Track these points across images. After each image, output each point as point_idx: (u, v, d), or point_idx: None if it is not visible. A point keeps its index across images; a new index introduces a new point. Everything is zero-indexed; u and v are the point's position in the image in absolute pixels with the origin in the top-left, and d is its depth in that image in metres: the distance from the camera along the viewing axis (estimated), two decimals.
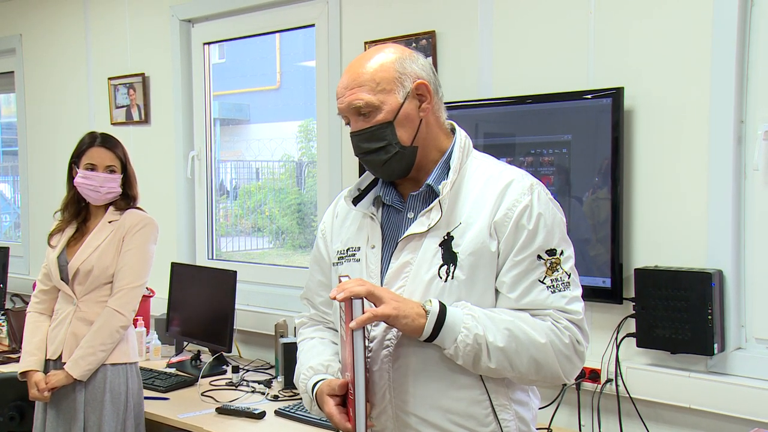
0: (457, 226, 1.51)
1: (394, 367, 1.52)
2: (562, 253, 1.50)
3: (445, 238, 1.50)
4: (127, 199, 2.69)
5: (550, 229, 1.50)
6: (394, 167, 1.55)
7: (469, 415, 1.50)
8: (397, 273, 1.53)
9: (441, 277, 1.49)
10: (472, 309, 1.46)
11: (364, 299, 1.44)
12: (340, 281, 1.50)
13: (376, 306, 1.43)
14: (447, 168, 1.56)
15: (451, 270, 1.49)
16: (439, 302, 1.46)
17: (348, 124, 1.58)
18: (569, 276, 1.50)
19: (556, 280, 1.48)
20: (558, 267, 1.49)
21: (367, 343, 1.53)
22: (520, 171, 1.57)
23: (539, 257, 1.48)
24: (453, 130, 1.64)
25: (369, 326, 1.52)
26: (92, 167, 2.62)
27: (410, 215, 1.57)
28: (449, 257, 1.49)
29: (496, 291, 1.51)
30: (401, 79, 1.53)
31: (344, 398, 1.52)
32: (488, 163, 1.60)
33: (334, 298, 1.44)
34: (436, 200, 1.52)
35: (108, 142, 2.67)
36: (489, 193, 1.51)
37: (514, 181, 1.52)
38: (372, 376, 1.54)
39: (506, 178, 1.53)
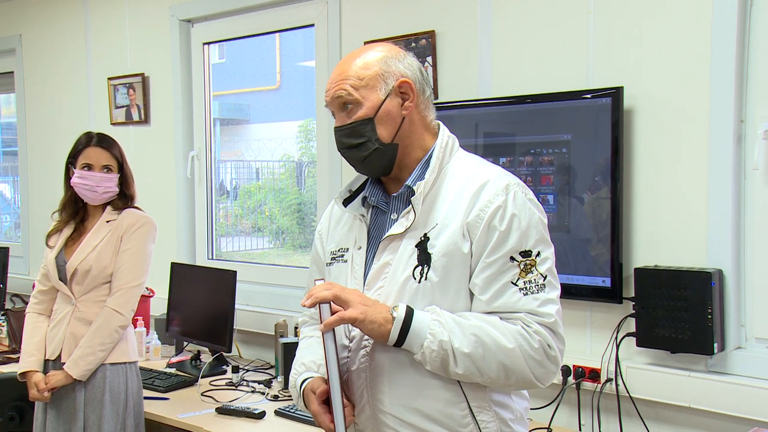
0: (433, 227, 1.51)
1: (370, 367, 1.53)
2: (538, 254, 1.48)
3: (422, 239, 1.51)
4: (124, 198, 2.69)
5: (525, 231, 1.48)
6: (374, 164, 1.57)
7: (446, 415, 1.49)
8: (377, 274, 1.54)
9: (415, 278, 1.50)
10: (440, 314, 1.46)
11: (332, 303, 1.46)
12: (314, 285, 1.52)
13: (344, 309, 1.45)
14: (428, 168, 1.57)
15: (425, 271, 1.49)
16: (407, 307, 1.46)
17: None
18: (545, 278, 1.48)
19: (530, 282, 1.47)
20: (533, 269, 1.47)
21: (347, 343, 1.56)
22: (499, 171, 1.56)
23: (512, 259, 1.47)
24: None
25: (349, 326, 1.54)
26: (88, 167, 2.62)
27: (393, 216, 1.58)
28: (424, 258, 1.49)
29: (471, 293, 1.50)
30: (384, 77, 1.54)
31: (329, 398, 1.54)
32: (470, 163, 1.59)
33: (304, 305, 1.47)
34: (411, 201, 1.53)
35: (104, 141, 2.66)
36: (465, 194, 1.51)
37: (489, 182, 1.51)
38: (350, 375, 1.55)
39: (482, 178, 1.52)
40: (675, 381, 2.31)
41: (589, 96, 2.44)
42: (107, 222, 2.65)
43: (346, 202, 1.66)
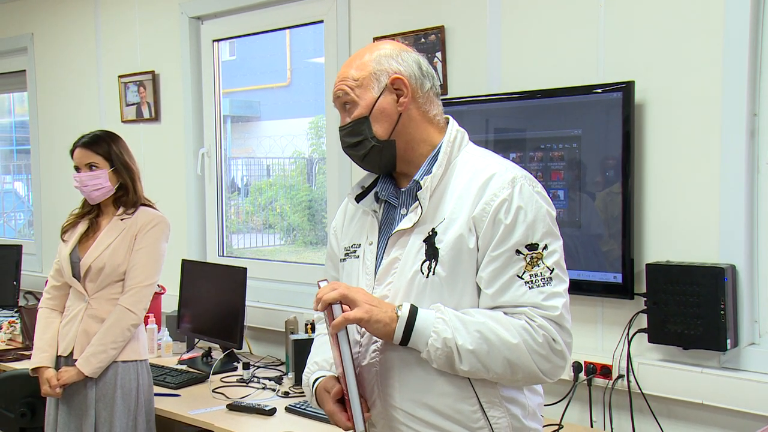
0: (441, 221, 1.51)
1: (381, 362, 1.54)
2: (545, 247, 1.47)
3: (430, 233, 1.51)
4: (128, 194, 2.68)
5: (531, 223, 1.47)
6: (374, 161, 1.59)
7: (456, 411, 1.49)
8: (387, 269, 1.55)
9: (423, 273, 1.50)
10: (444, 312, 1.46)
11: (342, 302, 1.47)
12: (319, 287, 1.52)
13: (351, 309, 1.45)
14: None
15: (433, 266, 1.49)
16: (411, 306, 1.46)
17: None
18: (552, 271, 1.47)
19: (536, 275, 1.46)
20: (539, 262, 1.46)
21: (358, 338, 1.57)
22: (507, 164, 1.55)
23: (518, 252, 1.46)
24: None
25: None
26: (77, 169, 2.66)
27: (403, 211, 1.59)
28: (432, 253, 1.50)
29: (479, 288, 1.50)
30: (377, 75, 1.56)
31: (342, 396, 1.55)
32: (479, 157, 1.59)
33: (317, 310, 1.49)
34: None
35: (89, 141, 2.67)
36: (472, 188, 1.51)
37: (495, 175, 1.50)
38: (361, 370, 1.56)
39: (489, 172, 1.52)
40: (687, 377, 2.29)
41: (599, 90, 2.42)
42: (122, 220, 2.66)
43: (360, 198, 1.66)
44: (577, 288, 1.54)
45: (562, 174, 2.52)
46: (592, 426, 2.51)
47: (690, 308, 2.23)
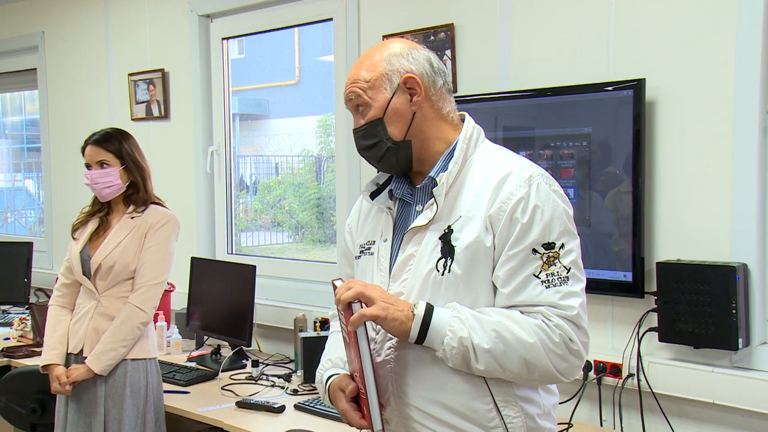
0: (457, 219, 1.50)
1: (396, 359, 1.53)
2: (562, 246, 1.46)
3: (446, 231, 1.50)
4: (138, 192, 2.69)
5: (548, 222, 1.46)
6: (391, 162, 1.58)
7: (471, 409, 1.49)
8: (402, 266, 1.55)
9: (438, 270, 1.49)
10: (460, 311, 1.45)
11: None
12: (334, 286, 1.51)
13: (368, 306, 1.45)
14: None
15: (448, 263, 1.48)
16: (427, 304, 1.46)
17: None
18: (568, 270, 1.46)
19: (552, 274, 1.45)
20: (556, 261, 1.46)
21: (373, 335, 1.56)
22: (523, 162, 1.54)
23: (534, 251, 1.45)
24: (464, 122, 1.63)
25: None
26: (88, 166, 2.67)
27: (418, 208, 1.58)
28: (447, 250, 1.49)
29: (495, 286, 1.49)
30: (388, 76, 1.54)
31: (356, 395, 1.54)
32: (495, 154, 1.58)
33: (338, 308, 1.49)
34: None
35: (100, 139, 2.68)
36: (489, 186, 1.50)
37: (512, 173, 1.49)
38: (376, 367, 1.54)
39: (505, 169, 1.51)
40: (698, 376, 2.28)
41: (610, 88, 2.41)
42: (132, 218, 2.67)
43: (374, 195, 1.66)
44: (587, 286, 1.54)
45: (572, 172, 2.50)
46: (601, 425, 2.50)
47: (701, 307, 2.22)
